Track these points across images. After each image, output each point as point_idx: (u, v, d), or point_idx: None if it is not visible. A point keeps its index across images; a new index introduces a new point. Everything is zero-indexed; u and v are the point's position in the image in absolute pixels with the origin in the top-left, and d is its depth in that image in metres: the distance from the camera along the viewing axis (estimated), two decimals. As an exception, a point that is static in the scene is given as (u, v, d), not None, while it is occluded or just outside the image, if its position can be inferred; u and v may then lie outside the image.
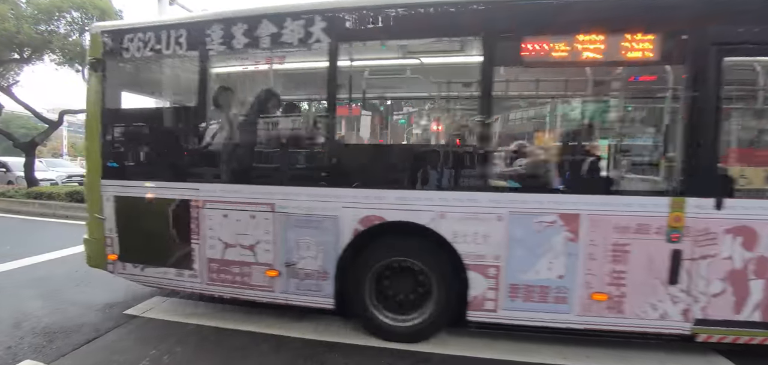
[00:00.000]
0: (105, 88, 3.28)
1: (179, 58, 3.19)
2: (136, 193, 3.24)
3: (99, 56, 3.26)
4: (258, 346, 2.78)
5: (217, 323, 3.14)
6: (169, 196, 3.15)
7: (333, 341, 2.86)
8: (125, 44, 3.19)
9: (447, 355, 2.70)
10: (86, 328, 3.01)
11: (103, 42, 3.26)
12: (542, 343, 2.83)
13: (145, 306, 3.47)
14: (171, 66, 3.47)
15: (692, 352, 2.74)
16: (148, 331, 3.00)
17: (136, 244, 3.29)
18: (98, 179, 3.32)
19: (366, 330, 2.94)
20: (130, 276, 3.37)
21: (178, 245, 3.14)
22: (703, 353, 2.75)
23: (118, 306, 3.47)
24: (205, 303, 3.57)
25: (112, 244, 3.32)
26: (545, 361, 2.64)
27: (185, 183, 3.10)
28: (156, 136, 3.35)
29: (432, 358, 2.67)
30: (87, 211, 3.53)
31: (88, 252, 3.52)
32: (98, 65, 3.26)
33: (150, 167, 3.33)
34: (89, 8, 10.43)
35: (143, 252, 3.28)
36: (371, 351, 2.74)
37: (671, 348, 2.77)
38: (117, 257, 3.32)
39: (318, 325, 3.09)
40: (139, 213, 3.23)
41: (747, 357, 2.65)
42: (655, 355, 2.72)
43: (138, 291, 3.83)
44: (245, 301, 3.14)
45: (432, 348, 2.77)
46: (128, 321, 3.16)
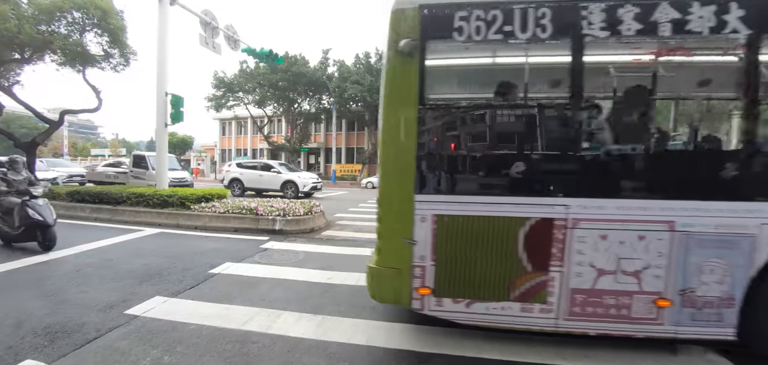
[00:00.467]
0: (422, 77, 2.65)
1: (534, 44, 2.58)
2: (469, 211, 2.64)
3: (415, 38, 2.63)
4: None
5: (217, 323, 3.15)
6: (520, 214, 2.59)
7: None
8: (457, 24, 2.59)
9: (448, 355, 2.70)
10: (87, 328, 3.02)
11: (421, 20, 2.63)
12: (541, 344, 2.84)
13: (146, 306, 3.48)
14: (511, 52, 2.77)
15: (691, 354, 2.76)
16: (150, 331, 3.01)
17: (462, 275, 2.69)
18: (408, 193, 2.68)
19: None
20: (447, 312, 2.77)
21: (530, 274, 2.62)
22: (702, 353, 2.77)
23: (119, 306, 3.48)
24: (209, 304, 3.59)
25: (423, 275, 2.72)
26: (545, 361, 2.65)
27: (548, 199, 2.57)
28: (504, 139, 2.82)
29: (432, 359, 2.68)
30: (381, 232, 2.89)
31: (378, 283, 2.90)
32: (412, 49, 2.63)
33: (494, 179, 2.74)
34: (90, 9, 10.46)
35: (472, 285, 2.69)
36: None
37: (669, 348, 2.79)
38: (430, 291, 2.74)
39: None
40: (471, 237, 2.64)
41: (747, 358, 2.66)
42: (654, 356, 2.73)
43: (138, 292, 3.85)
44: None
45: (431, 348, 2.78)
46: (129, 321, 3.18)
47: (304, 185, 15.24)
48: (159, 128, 9.45)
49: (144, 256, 5.34)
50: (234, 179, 15.63)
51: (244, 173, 15.73)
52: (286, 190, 14.92)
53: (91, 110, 13.05)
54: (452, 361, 2.66)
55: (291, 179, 15.23)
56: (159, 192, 8.55)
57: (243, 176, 15.60)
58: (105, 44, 11.55)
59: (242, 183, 15.49)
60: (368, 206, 13.06)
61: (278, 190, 15.05)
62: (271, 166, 15.92)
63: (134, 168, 14.59)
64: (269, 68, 30.25)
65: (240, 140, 49.35)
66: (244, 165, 16.39)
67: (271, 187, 15.20)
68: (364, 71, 30.43)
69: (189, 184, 15.30)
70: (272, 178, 15.32)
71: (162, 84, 9.28)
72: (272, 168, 15.73)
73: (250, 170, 15.88)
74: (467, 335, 2.93)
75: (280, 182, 15.07)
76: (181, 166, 17.56)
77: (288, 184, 15.04)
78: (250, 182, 15.51)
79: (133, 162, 14.90)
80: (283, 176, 15.26)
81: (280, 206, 7.97)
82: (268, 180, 15.35)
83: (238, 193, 15.08)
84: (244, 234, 7.13)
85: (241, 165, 16.36)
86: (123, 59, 12.61)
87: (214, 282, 4.30)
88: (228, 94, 34.48)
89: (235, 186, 15.49)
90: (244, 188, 15.44)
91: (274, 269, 4.86)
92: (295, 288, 4.14)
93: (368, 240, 6.94)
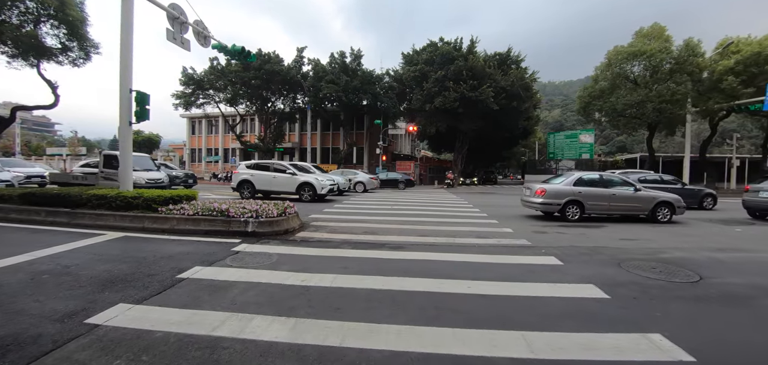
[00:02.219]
0: None
1: None
2: None
3: None
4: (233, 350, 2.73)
5: (185, 330, 3.06)
6: None
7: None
8: None
9: (433, 354, 2.76)
10: (43, 339, 2.85)
11: None
12: (508, 331, 2.95)
13: (109, 315, 3.32)
14: None
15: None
16: (113, 341, 2.88)
17: None
18: None
19: None
20: None
21: None
22: (645, 333, 2.97)
23: (78, 315, 3.30)
24: (177, 310, 3.47)
25: None
26: (513, 355, 2.75)
27: None
28: None
29: (402, 356, 2.72)
30: None
31: None
32: None
33: None
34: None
35: None
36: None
37: (629, 337, 2.97)
38: None
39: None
40: None
41: (689, 332, 2.88)
42: (615, 340, 2.90)
43: (100, 299, 3.67)
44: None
45: (408, 347, 2.83)
46: (90, 331, 3.02)
47: (322, 188, 14.56)
48: (122, 127, 9.02)
49: (106, 261, 5.08)
50: (244, 181, 14.72)
51: (256, 174, 14.83)
52: (303, 193, 14.24)
53: (46, 107, 12.28)
54: (418, 358, 2.71)
55: (308, 181, 14.46)
56: (123, 194, 8.15)
57: (254, 178, 14.72)
58: (63, 36, 10.88)
59: (253, 186, 14.61)
60: (343, 207, 13.03)
61: (293, 193, 14.35)
62: (286, 167, 15.08)
63: (105, 169, 13.66)
64: (241, 66, 29.50)
65: (211, 140, 47.81)
66: (255, 166, 15.38)
67: (285, 189, 14.43)
68: (340, 71, 30.22)
69: (165, 186, 14.65)
70: (287, 180, 14.54)
71: (126, 80, 8.85)
72: (287, 170, 14.93)
73: (262, 171, 14.98)
74: (426, 331, 2.99)
75: (296, 185, 14.33)
76: (156, 166, 16.59)
77: (304, 186, 14.32)
78: (262, 184, 14.67)
79: (104, 162, 13.94)
80: (299, 179, 14.50)
81: (253, 207, 7.81)
82: (282, 182, 14.56)
83: (247, 196, 14.28)
84: (214, 237, 6.93)
85: (251, 166, 15.36)
86: (83, 53, 11.93)
87: (183, 286, 4.17)
88: (198, 91, 33.29)
89: (245, 189, 14.63)
90: (255, 190, 14.57)
91: (246, 272, 4.76)
92: (268, 291, 4.08)
93: (344, 241, 6.93)
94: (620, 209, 10.61)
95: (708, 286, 4.54)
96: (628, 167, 38.71)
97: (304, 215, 9.86)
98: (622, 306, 3.81)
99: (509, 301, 3.91)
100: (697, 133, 41.43)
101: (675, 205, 10.58)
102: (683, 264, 5.53)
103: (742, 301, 4.05)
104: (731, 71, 23.87)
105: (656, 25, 27.39)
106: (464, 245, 6.78)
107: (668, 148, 56.48)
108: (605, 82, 28.72)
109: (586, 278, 4.74)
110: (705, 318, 3.57)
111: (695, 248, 6.92)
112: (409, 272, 4.88)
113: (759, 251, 6.86)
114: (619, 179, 11.22)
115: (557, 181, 11.17)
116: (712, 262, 5.77)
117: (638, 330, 3.22)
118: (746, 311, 3.80)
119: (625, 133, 37.51)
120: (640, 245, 7.11)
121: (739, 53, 24.35)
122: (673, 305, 3.86)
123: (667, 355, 2.79)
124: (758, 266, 5.68)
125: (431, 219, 10.27)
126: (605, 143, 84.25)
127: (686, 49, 25.66)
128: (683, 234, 8.54)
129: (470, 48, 30.92)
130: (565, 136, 44.06)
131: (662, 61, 25.78)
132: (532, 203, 10.82)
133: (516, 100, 30.15)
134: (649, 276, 4.90)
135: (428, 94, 29.22)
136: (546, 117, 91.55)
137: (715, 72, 25.05)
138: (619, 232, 8.55)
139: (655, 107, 25.19)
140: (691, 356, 2.76)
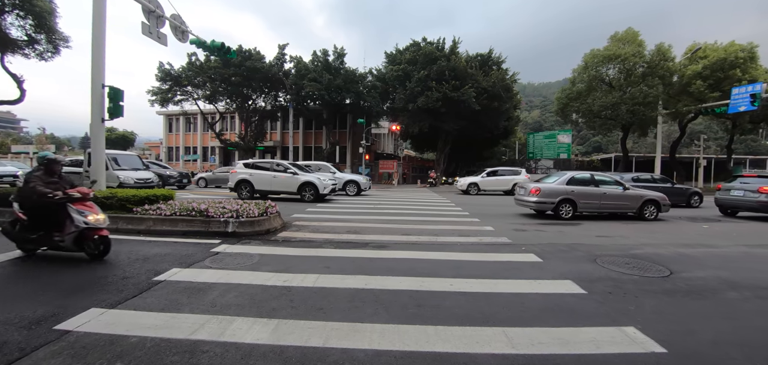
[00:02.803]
0: None
1: None
2: None
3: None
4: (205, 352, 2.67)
5: (163, 334, 2.97)
6: None
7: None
8: None
9: (417, 352, 2.77)
10: (9, 347, 2.70)
11: None
12: (493, 328, 3.00)
13: (80, 320, 3.18)
14: None
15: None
16: (85, 347, 2.76)
17: None
18: None
19: None
20: None
21: None
22: (620, 326, 3.09)
23: (47, 321, 3.15)
24: (154, 314, 3.36)
25: None
26: (495, 351, 2.80)
27: None
28: None
29: (382, 356, 2.73)
30: None
31: None
32: None
33: None
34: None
35: None
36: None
37: (605, 331, 3.08)
38: None
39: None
40: None
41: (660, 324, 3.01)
42: (591, 334, 2.99)
43: (70, 304, 3.51)
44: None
45: (391, 347, 2.83)
46: (60, 337, 2.89)
47: (324, 188, 14.28)
48: (95, 124, 8.66)
49: (76, 265, 4.86)
50: (242, 181, 14.27)
51: (255, 174, 14.40)
52: (304, 193, 13.94)
53: (11, 102, 11.64)
54: (424, 358, 2.72)
55: (310, 181, 14.16)
56: (96, 193, 7.81)
57: (253, 178, 14.28)
58: (29, 28, 10.33)
59: (252, 186, 14.20)
60: (326, 206, 12.93)
61: (294, 193, 14.04)
62: (286, 167, 14.76)
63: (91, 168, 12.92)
64: (221, 62, 28.84)
65: (189, 137, 46.55)
66: (254, 165, 14.92)
67: (285, 189, 14.10)
68: (322, 69, 29.96)
69: (155, 185, 14.04)
70: (287, 180, 14.19)
71: (98, 75, 8.49)
72: (288, 169, 14.59)
73: (261, 171, 14.57)
74: (410, 328, 3.01)
75: (297, 185, 14.01)
76: (144, 165, 15.75)
77: (306, 186, 14.00)
78: (262, 184, 14.27)
79: (89, 161, 13.12)
80: (301, 178, 14.17)
81: (234, 207, 7.65)
82: (282, 182, 14.19)
83: (245, 196, 13.88)
84: (193, 238, 6.75)
85: (250, 165, 14.90)
86: (51, 46, 11.37)
87: (160, 289, 4.04)
88: (175, 88, 32.31)
89: (243, 189, 14.21)
90: (253, 190, 14.16)
91: (226, 273, 4.66)
92: (250, 292, 4.01)
93: (326, 241, 6.88)
94: (610, 207, 11.06)
95: (677, 280, 4.75)
96: (603, 167, 40.02)
97: (287, 214, 9.73)
98: (598, 300, 3.93)
99: (491, 298, 3.97)
100: (667, 134, 43.24)
101: (660, 203, 11.10)
102: (654, 259, 5.77)
103: (708, 293, 4.26)
104: (699, 76, 25.03)
105: (630, 30, 28.38)
106: (447, 244, 6.85)
107: (641, 148, 58.73)
108: (582, 85, 29.58)
109: (564, 274, 4.88)
110: (675, 310, 3.74)
111: (665, 243, 7.22)
112: (392, 271, 4.89)
113: (723, 246, 7.23)
114: (610, 178, 11.73)
115: (550, 180, 11.52)
116: (681, 257, 6.04)
117: (613, 323, 3.34)
118: (712, 302, 3.99)
119: (601, 134, 38.78)
120: (614, 241, 7.36)
121: (706, 59, 25.56)
122: (645, 298, 4.02)
123: (641, 347, 2.91)
124: (722, 260, 5.98)
125: (414, 218, 10.33)
126: (582, 143, 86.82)
127: (658, 53, 26.70)
128: (654, 230, 8.90)
129: (452, 48, 31.22)
130: (544, 136, 45.16)
131: (635, 64, 26.75)
132: (527, 201, 11.13)
133: (497, 100, 30.65)
134: (623, 271, 5.09)
135: (411, 93, 29.34)
136: (526, 118, 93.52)
137: (684, 76, 26.21)
138: (594, 229, 8.83)
139: (629, 108, 26.13)
140: (662, 347, 2.88)
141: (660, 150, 29.95)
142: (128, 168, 13.62)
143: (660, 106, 27.21)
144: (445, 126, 30.94)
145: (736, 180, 12.71)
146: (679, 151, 35.00)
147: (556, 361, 2.69)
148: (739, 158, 44.65)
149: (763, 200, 11.30)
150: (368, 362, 2.65)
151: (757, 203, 11.51)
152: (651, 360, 2.73)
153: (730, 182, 12.97)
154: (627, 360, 2.73)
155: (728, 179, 13.30)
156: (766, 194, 11.24)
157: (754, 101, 20.12)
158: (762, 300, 4.12)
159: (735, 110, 21.70)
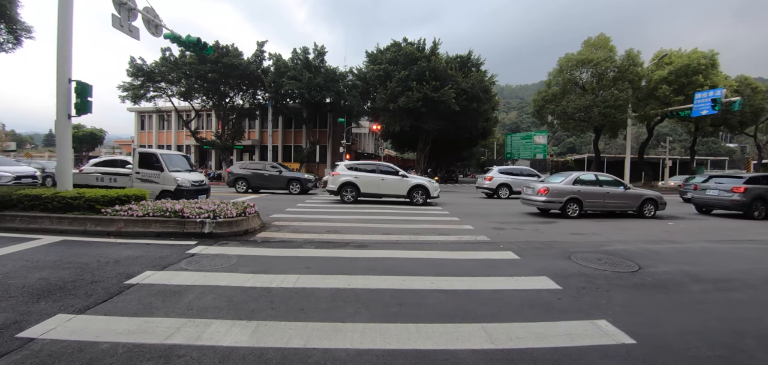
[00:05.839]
0: None
1: None
2: None
3: None
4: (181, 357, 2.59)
5: (136, 339, 2.86)
6: None
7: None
8: None
9: (402, 350, 2.78)
10: (-36, 358, 2.54)
11: None
12: (471, 323, 3.06)
13: (46, 327, 3.02)
14: None
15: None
16: (51, 355, 2.62)
17: None
18: None
19: None
20: None
21: None
22: (593, 320, 3.22)
23: (9, 328, 2.97)
24: (126, 319, 3.23)
25: None
26: (475, 347, 2.86)
27: None
28: None
29: (364, 355, 2.73)
30: None
31: None
32: None
33: None
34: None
35: None
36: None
37: (577, 325, 3.19)
38: None
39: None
40: None
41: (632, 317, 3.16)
42: (566, 327, 3.10)
43: (35, 310, 3.33)
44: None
45: (371, 345, 2.84)
46: (24, 345, 2.73)
47: (435, 190, 14.77)
48: (60, 120, 8.21)
49: (41, 268, 4.61)
50: (347, 184, 14.66)
51: (361, 176, 14.80)
52: (415, 196, 14.52)
53: (-34, 96, 10.87)
54: (370, 356, 2.74)
55: (421, 183, 14.77)
56: (61, 193, 7.43)
57: (358, 180, 14.76)
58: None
59: (358, 188, 14.70)
60: (306, 206, 12.79)
61: (404, 196, 14.58)
62: (396, 170, 15.25)
63: (142, 169, 11.60)
64: (197, 58, 27.97)
65: (163, 136, 44.95)
66: (356, 168, 15.29)
67: (395, 192, 14.68)
68: (302, 67, 29.59)
69: (208, 189, 12.93)
70: (397, 183, 14.71)
71: (64, 69, 8.07)
72: (399, 172, 15.09)
73: (366, 173, 14.91)
74: (392, 326, 3.03)
75: (408, 188, 14.52)
76: (191, 166, 13.84)
77: (417, 189, 14.52)
78: (368, 186, 14.75)
79: (141, 161, 11.73)
80: (412, 181, 14.74)
81: (210, 207, 7.45)
82: (391, 185, 14.70)
83: (349, 200, 14.53)
84: (168, 239, 6.52)
85: (352, 168, 15.25)
86: (12, 37, 10.72)
87: (132, 293, 3.88)
88: (148, 84, 31.05)
89: (348, 191, 14.69)
90: (359, 193, 14.73)
91: (203, 275, 4.54)
92: (228, 294, 3.91)
93: (306, 241, 6.80)
94: (613, 205, 11.64)
95: (645, 274, 4.99)
96: (577, 167, 41.39)
97: (266, 215, 9.56)
98: (572, 295, 4.08)
99: (471, 295, 4.05)
100: (636, 136, 45.24)
101: (658, 202, 11.81)
102: (624, 255, 6.03)
103: (674, 287, 4.49)
104: (665, 81, 26.34)
105: (602, 36, 29.51)
106: (427, 243, 6.92)
107: (612, 149, 61.24)
108: (557, 87, 30.55)
109: (540, 270, 5.02)
110: (644, 303, 3.93)
111: (634, 240, 7.56)
112: (373, 270, 4.90)
113: (686, 242, 7.64)
114: (612, 178, 12.34)
115: (557, 180, 12.02)
116: (648, 253, 6.34)
117: (587, 317, 3.47)
118: (678, 295, 4.21)
119: (575, 135, 40.18)
120: (587, 238, 7.64)
121: (672, 65, 26.94)
122: (616, 293, 4.20)
123: (612, 339, 3.04)
124: (687, 255, 6.32)
125: (394, 217, 10.36)
126: (557, 144, 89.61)
127: (627, 59, 27.91)
128: (624, 228, 9.29)
129: (433, 49, 31.52)
130: (521, 137, 46.34)
131: (607, 69, 27.88)
132: (534, 200, 11.56)
133: (476, 101, 31.17)
134: (595, 266, 5.29)
135: (392, 93, 29.42)
136: (504, 119, 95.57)
137: (651, 81, 27.53)
138: (568, 227, 9.13)
139: (601, 111, 27.19)
140: (632, 338, 3.03)
141: (629, 151, 31.29)
142: (182, 170, 12.32)
143: (629, 109, 28.43)
144: (425, 126, 31.21)
145: (710, 180, 13.56)
146: (647, 152, 36.69)
147: (533, 355, 2.77)
148: (701, 159, 47.36)
149: (736, 199, 12.10)
150: (350, 361, 2.65)
151: (730, 201, 12.32)
152: (621, 351, 2.86)
153: (691, 181, 13.72)
154: (599, 351, 2.84)
155: (687, 180, 14.08)
156: (738, 194, 12.05)
157: (715, 105, 21.38)
158: (721, 292, 4.38)
159: (698, 113, 22.95)
